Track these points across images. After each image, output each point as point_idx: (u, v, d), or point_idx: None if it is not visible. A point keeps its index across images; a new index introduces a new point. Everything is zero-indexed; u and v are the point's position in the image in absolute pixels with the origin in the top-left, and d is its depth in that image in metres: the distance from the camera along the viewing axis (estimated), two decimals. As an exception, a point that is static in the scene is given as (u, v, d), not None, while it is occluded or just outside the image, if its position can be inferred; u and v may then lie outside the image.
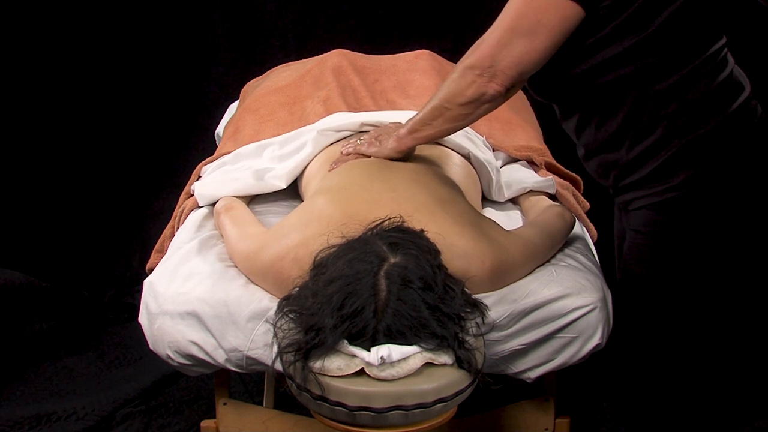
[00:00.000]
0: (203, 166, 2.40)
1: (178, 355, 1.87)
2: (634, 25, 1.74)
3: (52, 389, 2.85)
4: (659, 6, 1.73)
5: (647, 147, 1.80)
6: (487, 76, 1.78)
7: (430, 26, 3.49)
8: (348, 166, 2.03)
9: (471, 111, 1.85)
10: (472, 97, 1.81)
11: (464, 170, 2.18)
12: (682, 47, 1.77)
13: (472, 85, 1.80)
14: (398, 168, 1.98)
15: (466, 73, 1.80)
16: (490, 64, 1.77)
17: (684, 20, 1.75)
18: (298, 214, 1.89)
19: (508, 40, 1.75)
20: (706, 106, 1.78)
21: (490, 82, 1.78)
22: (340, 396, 1.54)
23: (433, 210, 1.83)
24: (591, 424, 2.57)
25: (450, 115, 1.87)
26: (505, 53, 1.75)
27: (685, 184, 1.79)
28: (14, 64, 3.43)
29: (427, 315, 1.55)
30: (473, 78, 1.79)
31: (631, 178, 1.84)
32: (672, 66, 1.77)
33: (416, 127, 1.96)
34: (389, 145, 2.02)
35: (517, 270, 1.86)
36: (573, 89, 1.84)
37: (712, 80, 1.79)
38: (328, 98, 2.47)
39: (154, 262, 2.21)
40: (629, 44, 1.74)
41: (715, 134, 1.78)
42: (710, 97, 1.78)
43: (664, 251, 1.85)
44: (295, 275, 1.70)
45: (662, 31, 1.74)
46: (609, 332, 1.89)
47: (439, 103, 1.88)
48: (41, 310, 3.15)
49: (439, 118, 1.90)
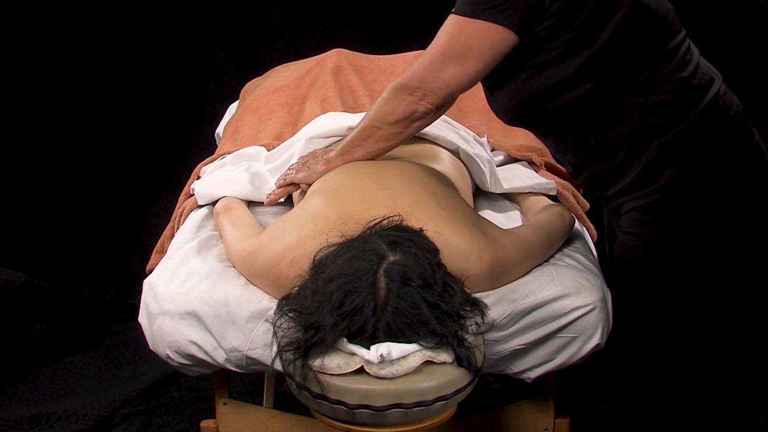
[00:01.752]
0: (203, 167, 2.40)
1: (177, 355, 1.87)
2: (584, 39, 1.74)
3: (52, 389, 2.85)
4: (604, 17, 1.74)
5: (628, 153, 1.81)
6: (418, 95, 1.83)
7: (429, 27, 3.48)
8: (338, 170, 2.02)
9: (402, 129, 1.90)
10: (403, 115, 1.86)
11: (454, 166, 2.18)
12: (637, 51, 1.77)
13: (401, 104, 1.85)
14: (389, 166, 1.98)
15: (398, 93, 1.86)
16: (420, 85, 1.82)
17: (632, 25, 1.76)
18: (294, 216, 1.89)
19: (439, 64, 1.79)
20: (677, 104, 1.78)
21: (421, 101, 1.84)
22: (340, 394, 1.54)
23: (429, 207, 1.82)
24: (591, 424, 2.57)
25: (381, 134, 1.92)
26: (435, 75, 1.80)
27: (671, 183, 1.80)
28: (14, 65, 3.44)
29: (427, 313, 1.55)
30: (404, 96, 1.85)
31: (618, 185, 1.85)
32: (632, 71, 1.77)
33: (347, 148, 1.99)
34: (318, 169, 2.03)
35: (514, 268, 1.86)
36: (540, 112, 1.84)
37: (678, 77, 1.79)
38: (326, 98, 2.47)
39: (154, 263, 2.21)
40: (583, 60, 1.75)
41: (692, 131, 1.79)
42: (679, 94, 1.79)
43: (654, 251, 1.85)
44: (294, 276, 1.70)
45: (613, 40, 1.75)
46: (609, 332, 1.89)
47: (369, 124, 1.93)
48: (41, 310, 3.15)
49: (370, 138, 1.94)
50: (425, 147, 2.19)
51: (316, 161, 2.07)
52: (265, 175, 2.27)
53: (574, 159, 1.90)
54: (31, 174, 3.52)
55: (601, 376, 2.68)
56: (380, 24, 3.51)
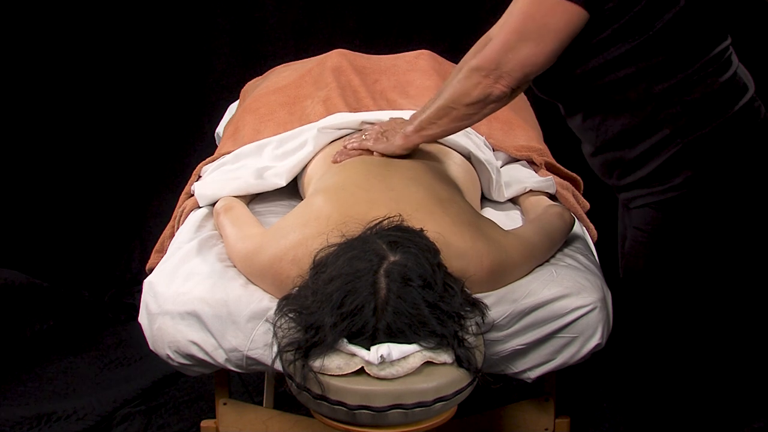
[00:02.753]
0: (203, 167, 2.40)
1: (178, 355, 1.87)
2: (638, 26, 1.74)
3: (52, 389, 2.85)
4: (662, 7, 1.74)
5: (650, 146, 1.80)
6: (493, 77, 1.80)
7: (429, 26, 3.49)
8: (345, 166, 2.03)
9: (477, 111, 1.87)
10: (478, 97, 1.83)
11: (464, 169, 2.18)
12: (685, 48, 1.77)
13: (477, 86, 1.82)
14: (396, 167, 1.98)
15: (472, 75, 1.82)
16: (495, 66, 1.78)
17: (687, 21, 1.75)
18: (296, 215, 1.89)
19: (514, 43, 1.76)
20: (709, 107, 1.78)
21: (496, 83, 1.80)
22: (340, 395, 1.54)
23: (431, 209, 1.83)
24: (591, 424, 2.57)
25: (456, 114, 1.89)
26: (511, 56, 1.77)
27: (687, 183, 1.79)
28: (14, 65, 3.43)
29: (427, 313, 1.55)
30: (479, 79, 1.81)
31: (633, 177, 1.84)
32: (675, 66, 1.77)
33: (423, 125, 1.97)
34: (397, 142, 2.03)
35: (515, 270, 1.86)
36: (576, 89, 1.84)
37: (715, 81, 1.78)
38: (328, 98, 2.47)
39: (154, 262, 2.21)
40: (632, 45, 1.75)
41: (717, 135, 1.78)
42: (713, 97, 1.78)
43: (665, 249, 1.85)
44: (294, 275, 1.70)
45: (665, 32, 1.74)
46: (609, 332, 1.89)
47: (444, 103, 1.90)
48: (41, 310, 3.15)
49: (445, 118, 1.92)
50: (438, 148, 2.19)
51: (394, 132, 2.06)
52: (267, 165, 2.26)
53: (596, 140, 1.89)
54: (31, 174, 3.52)
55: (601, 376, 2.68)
56: (380, 24, 3.51)
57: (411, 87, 2.56)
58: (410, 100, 2.49)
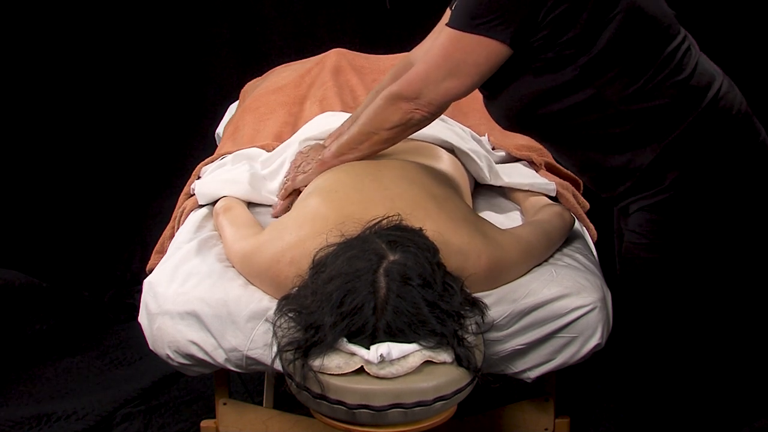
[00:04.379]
0: (203, 166, 2.40)
1: (177, 355, 1.87)
2: (580, 48, 1.74)
3: (52, 389, 2.85)
4: (599, 25, 1.74)
5: (631, 156, 1.81)
6: (413, 104, 1.85)
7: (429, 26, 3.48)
8: (337, 169, 2.02)
9: (397, 134, 1.93)
10: (399, 122, 1.88)
11: (452, 164, 2.18)
12: (633, 57, 1.77)
13: (398, 112, 1.87)
14: (387, 166, 1.98)
15: (393, 101, 1.87)
16: (416, 96, 1.84)
17: (628, 31, 1.75)
18: (293, 216, 1.89)
19: (435, 76, 1.81)
20: (674, 107, 1.78)
21: (416, 110, 1.86)
22: (340, 394, 1.54)
23: (427, 207, 1.82)
24: (591, 424, 2.57)
25: (376, 139, 1.94)
26: (432, 87, 1.82)
27: (675, 184, 1.79)
28: (14, 65, 3.44)
29: (427, 312, 1.55)
30: (399, 105, 1.86)
31: (623, 187, 1.85)
32: (630, 77, 1.77)
33: (342, 150, 2.00)
34: (315, 170, 2.04)
35: (513, 268, 1.86)
36: (538, 119, 1.85)
37: (675, 81, 1.78)
38: (324, 98, 2.47)
39: (154, 263, 2.21)
40: (580, 67, 1.75)
41: (692, 132, 1.78)
42: (677, 97, 1.78)
43: (660, 250, 1.85)
44: (293, 276, 1.70)
45: (610, 47, 1.75)
46: (609, 332, 1.89)
47: (364, 129, 1.95)
48: (41, 310, 3.15)
49: (366, 142, 1.96)
50: (424, 146, 2.19)
51: (307, 163, 2.08)
52: (262, 178, 2.26)
53: (576, 162, 1.91)
54: (31, 174, 3.52)
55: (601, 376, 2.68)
56: (380, 24, 3.51)
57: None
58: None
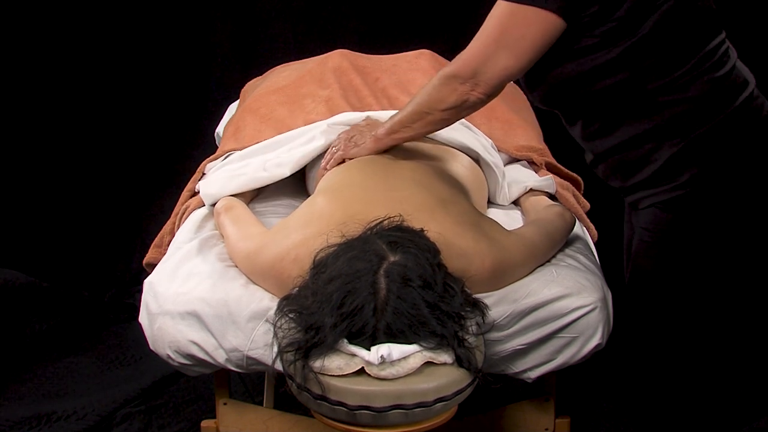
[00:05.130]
0: (207, 164, 2.40)
1: (178, 355, 1.87)
2: (624, 30, 1.74)
3: (52, 389, 2.85)
4: (646, 10, 1.74)
5: (652, 147, 1.80)
6: (469, 84, 1.83)
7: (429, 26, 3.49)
8: (348, 167, 2.03)
9: (451, 116, 1.91)
10: (454, 104, 1.86)
11: (471, 171, 2.18)
12: (676, 47, 1.77)
13: (453, 93, 1.85)
14: (398, 167, 1.98)
15: (449, 81, 1.85)
16: (472, 75, 1.81)
17: (675, 20, 1.76)
18: (298, 215, 1.89)
19: (491, 53, 1.78)
20: (708, 103, 1.78)
21: (472, 91, 1.83)
22: (341, 395, 1.54)
23: (433, 209, 1.83)
24: (591, 424, 2.57)
25: (430, 119, 1.93)
26: (488, 65, 1.79)
27: (691, 182, 1.79)
28: (14, 65, 3.43)
29: (427, 313, 1.55)
30: (455, 86, 1.84)
31: (638, 177, 1.85)
32: (668, 66, 1.77)
33: (395, 128, 2.00)
34: (367, 145, 2.05)
35: (516, 270, 1.86)
36: (571, 97, 1.84)
37: (712, 77, 1.78)
38: (330, 99, 2.47)
39: (151, 257, 2.22)
40: (621, 50, 1.75)
41: (719, 131, 1.78)
42: (711, 94, 1.78)
43: (672, 249, 1.85)
44: (296, 275, 1.70)
45: (654, 34, 1.75)
46: (609, 332, 1.89)
47: (419, 108, 1.93)
48: (41, 310, 3.15)
49: (419, 122, 1.95)
50: (444, 150, 2.20)
51: (362, 136, 2.08)
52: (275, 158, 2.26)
53: (599, 146, 1.89)
54: (31, 174, 3.52)
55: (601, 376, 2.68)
56: (380, 24, 3.50)
57: (412, 85, 2.56)
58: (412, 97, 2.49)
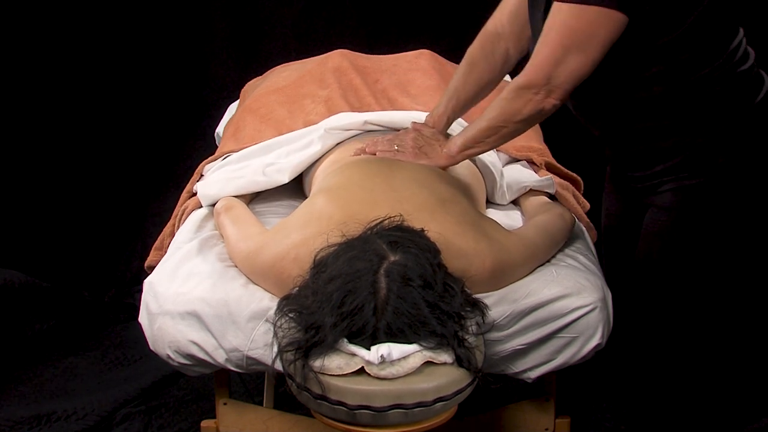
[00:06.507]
0: (205, 165, 2.40)
1: (178, 355, 1.87)
2: (668, 24, 1.77)
3: (52, 389, 2.85)
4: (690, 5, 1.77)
5: (680, 138, 1.84)
6: (543, 92, 1.83)
7: (430, 26, 3.49)
8: (347, 166, 2.03)
9: (525, 126, 1.92)
10: (530, 114, 1.86)
11: (469, 171, 2.18)
12: (711, 41, 1.81)
13: (528, 104, 1.85)
14: (399, 167, 1.98)
15: (522, 93, 1.85)
16: (546, 82, 1.81)
17: (713, 16, 1.79)
18: (298, 215, 1.89)
19: (561, 57, 1.79)
20: (737, 95, 1.83)
21: (547, 98, 1.83)
22: (340, 395, 1.54)
23: (433, 210, 1.83)
24: (591, 424, 2.57)
25: (505, 132, 1.94)
26: (560, 69, 1.80)
27: (713, 171, 1.84)
28: (14, 65, 3.43)
29: (427, 313, 1.55)
30: (529, 97, 1.84)
31: (663, 165, 1.88)
32: (703, 60, 1.81)
33: (469, 144, 2.00)
34: (440, 162, 2.04)
35: (517, 270, 1.86)
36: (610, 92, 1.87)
37: (742, 69, 1.84)
38: (330, 99, 2.47)
39: (153, 259, 2.21)
40: (662, 42, 1.78)
41: (742, 125, 1.83)
42: (737, 88, 1.83)
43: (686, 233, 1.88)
44: (296, 275, 1.70)
45: (694, 29, 1.78)
46: (609, 332, 1.89)
47: (494, 124, 1.93)
48: (41, 310, 3.15)
49: (494, 137, 1.95)
50: None
51: (431, 147, 2.07)
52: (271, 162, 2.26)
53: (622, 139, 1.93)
54: (31, 174, 3.52)
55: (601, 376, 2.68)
56: (380, 24, 3.50)
57: (412, 86, 2.56)
58: (412, 99, 2.49)
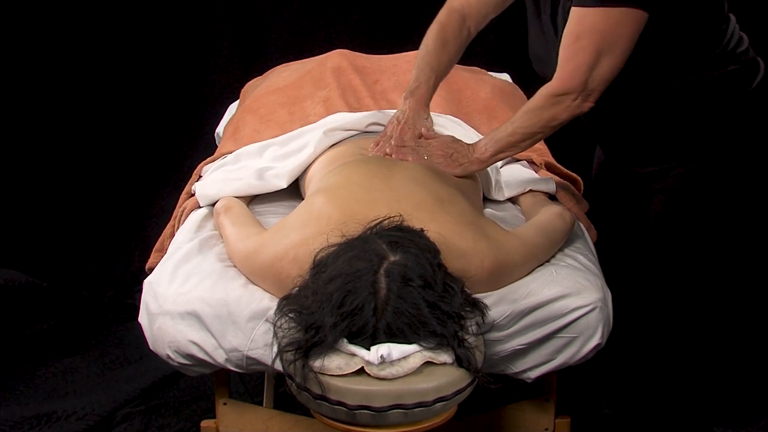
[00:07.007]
0: (204, 166, 2.40)
1: (178, 355, 1.87)
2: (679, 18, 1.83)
3: (52, 389, 2.85)
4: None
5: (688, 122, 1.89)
6: (581, 98, 1.87)
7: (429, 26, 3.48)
8: (346, 166, 2.03)
9: (557, 129, 1.95)
10: (567, 119, 1.91)
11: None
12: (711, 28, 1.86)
13: (566, 110, 1.89)
14: (397, 167, 1.98)
15: (559, 100, 1.89)
16: (582, 87, 1.86)
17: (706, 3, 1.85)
18: (297, 215, 1.89)
19: (595, 61, 1.83)
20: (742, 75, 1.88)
21: (584, 102, 1.88)
22: (340, 395, 1.54)
23: (432, 209, 1.83)
24: (591, 424, 2.57)
25: (540, 136, 1.98)
26: (595, 73, 1.84)
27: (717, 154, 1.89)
28: (14, 65, 3.43)
29: (427, 313, 1.55)
30: (567, 103, 1.88)
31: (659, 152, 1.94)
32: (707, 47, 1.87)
33: (502, 148, 2.03)
34: (472, 168, 2.06)
35: (516, 270, 1.86)
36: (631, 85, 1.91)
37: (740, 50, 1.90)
38: (328, 99, 2.47)
39: (153, 261, 2.21)
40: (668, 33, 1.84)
41: (739, 111, 1.88)
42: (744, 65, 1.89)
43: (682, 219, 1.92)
44: (295, 275, 1.70)
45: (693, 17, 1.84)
46: (609, 332, 1.89)
47: (529, 131, 1.96)
48: (41, 310, 3.15)
49: (528, 141, 1.99)
50: None
51: (462, 156, 2.07)
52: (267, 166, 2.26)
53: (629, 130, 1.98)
54: (31, 174, 3.52)
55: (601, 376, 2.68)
56: (380, 24, 3.50)
57: (411, 86, 2.56)
58: (411, 100, 2.49)
